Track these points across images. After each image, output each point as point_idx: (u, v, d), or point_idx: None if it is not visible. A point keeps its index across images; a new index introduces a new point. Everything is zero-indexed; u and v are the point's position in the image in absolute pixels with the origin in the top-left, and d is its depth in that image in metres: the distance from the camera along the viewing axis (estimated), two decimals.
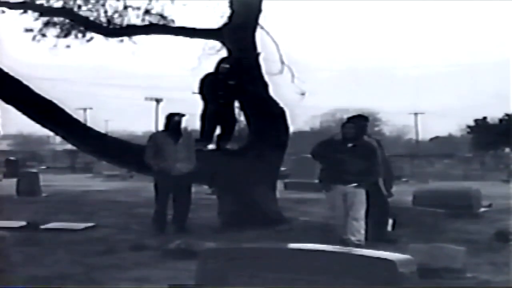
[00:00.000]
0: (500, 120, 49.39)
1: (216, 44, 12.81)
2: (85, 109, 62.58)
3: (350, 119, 9.70)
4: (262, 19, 12.36)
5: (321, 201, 17.34)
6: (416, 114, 70.73)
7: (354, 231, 9.10)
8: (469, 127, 52.18)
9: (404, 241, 8.97)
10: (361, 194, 9.20)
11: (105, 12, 13.21)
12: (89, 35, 13.47)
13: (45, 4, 13.00)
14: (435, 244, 7.79)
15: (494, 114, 49.65)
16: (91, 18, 13.24)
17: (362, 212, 9.20)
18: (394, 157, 48.69)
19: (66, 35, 13.41)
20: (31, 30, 13.35)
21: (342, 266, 4.22)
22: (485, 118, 50.13)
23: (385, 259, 4.22)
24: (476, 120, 50.42)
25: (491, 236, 9.62)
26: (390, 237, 9.40)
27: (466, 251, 7.62)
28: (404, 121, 73.90)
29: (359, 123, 9.48)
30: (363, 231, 9.15)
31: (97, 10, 13.19)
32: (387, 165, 9.81)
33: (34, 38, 13.41)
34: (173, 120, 10.79)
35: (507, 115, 50.92)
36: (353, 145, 9.34)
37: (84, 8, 13.15)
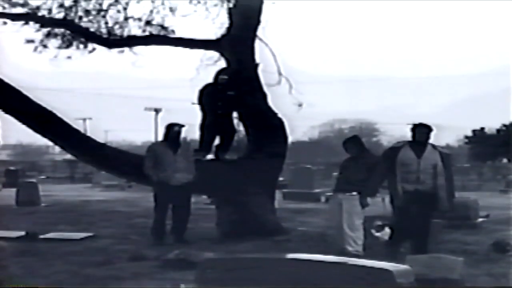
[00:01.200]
0: (498, 131, 49.49)
1: (215, 55, 12.87)
2: (84, 119, 62.64)
3: (414, 127, 9.21)
4: (260, 31, 12.44)
5: (319, 211, 17.39)
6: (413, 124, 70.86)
7: (350, 241, 9.19)
8: (467, 137, 52.24)
9: (402, 251, 8.99)
10: (356, 203, 9.27)
11: (106, 23, 13.26)
12: (90, 46, 13.52)
13: (47, 16, 13.05)
14: (433, 255, 7.82)
15: (492, 124, 49.74)
16: (92, 29, 13.28)
17: (357, 222, 9.28)
18: None
19: (67, 46, 13.46)
20: (32, 41, 13.39)
21: (341, 276, 4.24)
22: (483, 128, 50.23)
23: (383, 269, 4.24)
24: (474, 131, 50.53)
25: (489, 246, 9.64)
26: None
27: (464, 262, 7.66)
28: (402, 132, 73.96)
29: (420, 131, 9.07)
30: (360, 242, 9.23)
31: (98, 22, 13.24)
32: (448, 178, 8.86)
33: (35, 49, 13.45)
34: (172, 130, 10.82)
35: (504, 125, 51.04)
36: (354, 157, 9.58)
37: (85, 19, 13.20)
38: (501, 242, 9.60)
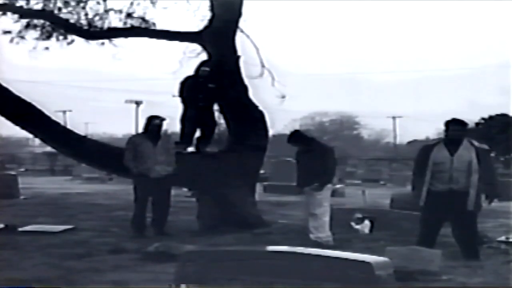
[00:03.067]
0: (477, 124, 49.86)
1: (197, 47, 12.84)
2: (64, 112, 62.24)
3: (446, 123, 8.77)
4: (242, 23, 12.43)
5: (300, 204, 17.45)
6: (394, 117, 71.20)
7: (312, 228, 9.46)
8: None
9: (381, 244, 9.05)
10: (314, 194, 9.51)
11: (86, 14, 13.18)
12: (70, 37, 13.43)
13: (25, 6, 12.94)
14: (412, 247, 7.88)
15: (471, 118, 50.12)
16: (72, 21, 13.20)
17: (317, 211, 9.49)
18: (372, 161, 49.14)
19: (47, 38, 13.37)
20: (9, 32, 13.28)
21: (320, 268, 4.27)
22: (465, 122, 50.47)
23: (362, 261, 4.28)
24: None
25: None
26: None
27: (442, 254, 7.73)
28: (383, 125, 74.38)
29: (453, 128, 8.60)
30: (322, 229, 9.44)
31: (78, 13, 13.16)
32: (482, 175, 8.30)
33: (12, 40, 13.34)
34: (153, 123, 10.79)
35: (483, 119, 51.50)
36: (301, 150, 9.85)
37: (64, 10, 13.11)
38: (478, 234, 9.67)
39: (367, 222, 10.98)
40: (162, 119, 10.85)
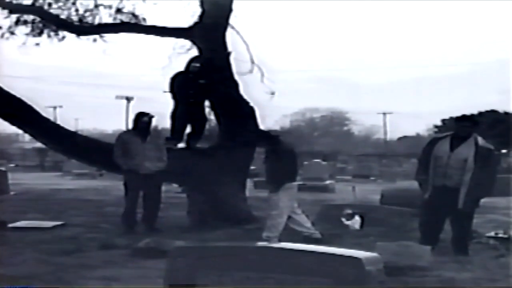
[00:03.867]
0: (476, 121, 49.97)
1: (187, 43, 12.84)
2: (55, 107, 62.04)
3: (455, 120, 8.81)
4: (232, 19, 12.43)
5: None
6: (384, 114, 71.40)
7: (266, 227, 9.61)
8: (436, 127, 52.80)
9: (371, 239, 9.09)
10: (272, 195, 9.66)
11: (76, 10, 13.15)
12: (61, 33, 13.39)
13: (15, 1, 12.90)
14: (401, 242, 7.92)
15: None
16: (62, 17, 13.15)
17: (273, 211, 9.61)
18: (362, 157, 49.23)
19: (37, 34, 13.32)
20: None
21: (310, 264, 4.28)
22: (452, 118, 50.81)
23: (352, 257, 4.29)
24: (443, 120, 51.09)
25: None
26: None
27: (432, 250, 7.77)
28: (373, 121, 74.56)
29: (459, 124, 8.54)
30: (274, 229, 9.53)
31: (68, 9, 13.12)
32: (476, 174, 8.19)
33: (2, 35, 13.30)
34: (141, 120, 10.77)
35: (473, 115, 51.52)
36: (271, 149, 9.88)
37: (55, 6, 13.07)
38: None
39: (357, 218, 11.02)
40: (150, 116, 10.83)
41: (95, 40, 13.46)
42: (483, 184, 8.28)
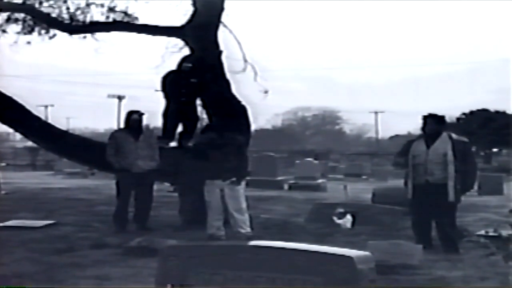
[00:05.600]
0: (458, 119, 50.36)
1: (180, 42, 12.83)
2: (46, 106, 61.94)
3: (424, 118, 8.99)
4: (224, 18, 12.42)
5: (282, 198, 17.50)
6: (376, 112, 71.52)
7: (241, 224, 9.51)
8: None
9: (363, 238, 9.11)
10: (237, 188, 9.58)
11: (67, 8, 13.11)
12: (52, 32, 13.35)
13: (5, 0, 12.85)
14: (393, 241, 7.95)
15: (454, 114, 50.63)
16: (53, 15, 13.11)
17: (243, 206, 9.60)
18: (354, 155, 49.33)
19: (29, 32, 13.28)
20: None
21: (302, 262, 4.29)
22: (441, 116, 50.98)
23: (344, 255, 4.30)
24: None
25: None
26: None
27: (423, 248, 7.80)
28: (365, 120, 74.71)
29: (428, 122, 8.84)
30: (248, 223, 9.57)
31: (59, 7, 13.08)
32: (458, 167, 8.42)
33: None
34: (132, 118, 10.77)
35: (464, 114, 51.89)
36: (217, 143, 9.72)
37: (45, 4, 13.03)
38: (458, 228, 9.77)
39: (349, 217, 11.04)
40: (141, 114, 10.83)
41: (85, 37, 13.43)
42: (468, 176, 8.57)
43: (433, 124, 8.79)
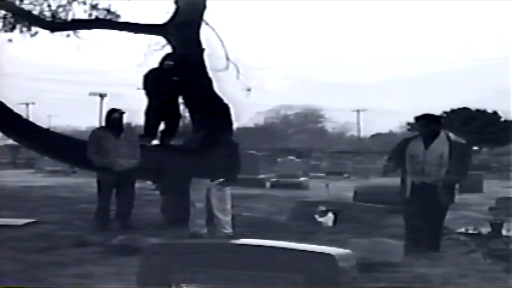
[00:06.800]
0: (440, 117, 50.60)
1: (161, 40, 12.80)
2: (27, 104, 61.47)
3: (418, 119, 8.98)
4: (207, 16, 12.41)
5: (264, 196, 17.51)
6: (358, 111, 71.76)
7: (224, 225, 9.56)
8: (409, 124, 53.23)
9: (345, 236, 9.15)
10: (223, 189, 9.61)
11: (49, 6, 13.04)
12: (33, 29, 13.28)
13: None
14: (374, 239, 7.98)
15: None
16: (35, 12, 13.04)
17: (227, 207, 9.65)
18: (336, 154, 49.44)
19: (10, 30, 13.19)
20: None
21: (284, 260, 4.31)
22: (437, 116, 51.33)
23: (325, 253, 4.33)
24: (416, 117, 51.50)
25: None
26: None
27: (404, 246, 7.84)
28: (347, 118, 74.91)
29: (423, 122, 8.76)
30: (231, 223, 9.63)
31: (41, 4, 13.00)
32: (452, 169, 8.36)
33: None
34: (112, 116, 10.74)
35: (445, 112, 52.25)
36: (212, 142, 9.73)
37: (26, 1, 12.95)
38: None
39: (330, 215, 11.08)
40: (121, 112, 10.80)
41: (67, 35, 13.35)
42: (457, 177, 8.49)
43: (426, 124, 8.69)
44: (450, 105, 55.90)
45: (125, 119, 10.92)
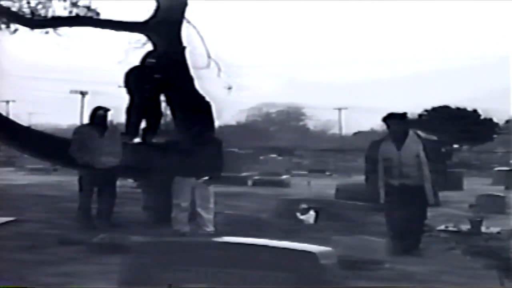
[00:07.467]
0: (420, 115, 50.96)
1: (143, 37, 12.75)
2: (7, 102, 60.97)
3: (385, 118, 8.74)
4: (188, 13, 12.38)
5: (246, 194, 17.53)
6: (340, 109, 71.96)
7: (207, 223, 9.65)
8: None
9: (326, 234, 9.18)
10: (207, 188, 9.71)
11: (28, 3, 12.93)
12: (13, 26, 13.17)
13: None
14: (356, 236, 8.02)
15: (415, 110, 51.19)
16: (14, 9, 12.93)
17: (211, 206, 9.77)
18: (318, 151, 49.58)
19: None
20: None
21: (266, 258, 4.32)
22: (405, 113, 51.50)
23: (307, 251, 4.34)
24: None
25: None
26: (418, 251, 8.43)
27: (386, 243, 7.89)
28: (328, 116, 75.13)
29: (392, 121, 8.56)
30: (213, 221, 9.74)
31: (20, 1, 12.90)
32: (432, 167, 8.27)
33: None
34: (98, 114, 10.69)
35: (426, 110, 52.54)
36: (197, 142, 9.75)
37: None
38: None
39: (312, 213, 11.11)
40: (106, 110, 10.76)
41: (47, 32, 13.26)
42: (440, 175, 8.44)
43: (398, 123, 8.47)
44: (432, 104, 56.15)
45: (109, 117, 10.87)
